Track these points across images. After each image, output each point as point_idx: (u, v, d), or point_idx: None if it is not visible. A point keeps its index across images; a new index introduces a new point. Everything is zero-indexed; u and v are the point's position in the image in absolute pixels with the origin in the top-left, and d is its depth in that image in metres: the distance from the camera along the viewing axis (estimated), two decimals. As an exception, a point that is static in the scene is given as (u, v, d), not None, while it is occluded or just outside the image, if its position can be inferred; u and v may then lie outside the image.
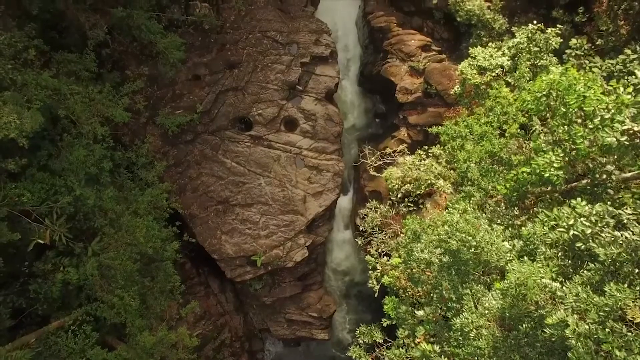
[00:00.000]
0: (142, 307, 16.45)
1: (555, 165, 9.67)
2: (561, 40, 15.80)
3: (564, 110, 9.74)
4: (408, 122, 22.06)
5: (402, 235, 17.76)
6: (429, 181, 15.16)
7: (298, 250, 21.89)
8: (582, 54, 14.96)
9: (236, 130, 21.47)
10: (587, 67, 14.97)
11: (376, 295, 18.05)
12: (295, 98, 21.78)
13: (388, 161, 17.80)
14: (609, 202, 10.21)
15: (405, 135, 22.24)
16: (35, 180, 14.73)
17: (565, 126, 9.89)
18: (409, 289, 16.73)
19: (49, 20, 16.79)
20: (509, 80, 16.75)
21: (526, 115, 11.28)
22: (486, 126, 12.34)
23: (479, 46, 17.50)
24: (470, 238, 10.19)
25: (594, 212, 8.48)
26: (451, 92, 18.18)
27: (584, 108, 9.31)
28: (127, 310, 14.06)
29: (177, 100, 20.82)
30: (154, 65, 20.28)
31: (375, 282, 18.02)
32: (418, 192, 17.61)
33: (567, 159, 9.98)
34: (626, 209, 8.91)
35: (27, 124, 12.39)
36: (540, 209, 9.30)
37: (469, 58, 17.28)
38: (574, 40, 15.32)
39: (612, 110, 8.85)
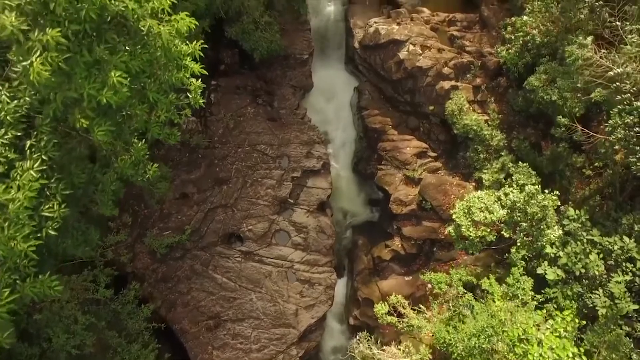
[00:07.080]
0: None
1: None
2: (559, 201, 15.21)
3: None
4: (402, 233, 21.53)
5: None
6: None
7: (290, 362, 21.71)
8: (580, 225, 14.41)
9: (226, 246, 21.02)
10: (584, 240, 14.41)
11: None
12: (286, 211, 21.24)
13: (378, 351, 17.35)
14: None
15: (399, 246, 21.73)
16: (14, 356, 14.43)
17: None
18: None
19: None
20: (505, 234, 16.23)
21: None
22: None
23: (472, 192, 16.94)
24: None
25: None
26: (445, 232, 17.70)
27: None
28: None
29: (165, 219, 20.33)
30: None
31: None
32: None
33: None
34: None
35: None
36: None
37: (464, 203, 16.68)
38: (571, 211, 14.73)
39: None
